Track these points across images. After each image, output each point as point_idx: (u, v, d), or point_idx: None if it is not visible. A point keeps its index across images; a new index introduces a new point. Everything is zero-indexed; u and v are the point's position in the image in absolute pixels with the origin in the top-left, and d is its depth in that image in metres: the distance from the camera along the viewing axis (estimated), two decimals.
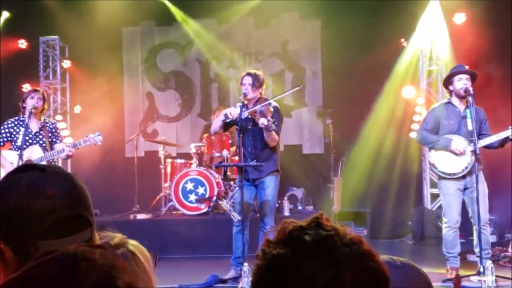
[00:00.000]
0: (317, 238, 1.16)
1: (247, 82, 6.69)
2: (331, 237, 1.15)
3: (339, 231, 1.17)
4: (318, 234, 1.16)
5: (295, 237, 1.17)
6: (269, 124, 6.20)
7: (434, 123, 6.61)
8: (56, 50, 10.98)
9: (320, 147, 11.10)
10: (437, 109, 6.68)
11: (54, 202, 1.47)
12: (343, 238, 1.16)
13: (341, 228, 1.19)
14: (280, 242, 1.18)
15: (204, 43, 11.17)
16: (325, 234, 1.16)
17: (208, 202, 8.98)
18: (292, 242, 1.17)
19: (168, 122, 11.44)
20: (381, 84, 10.10)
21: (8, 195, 1.47)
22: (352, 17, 10.18)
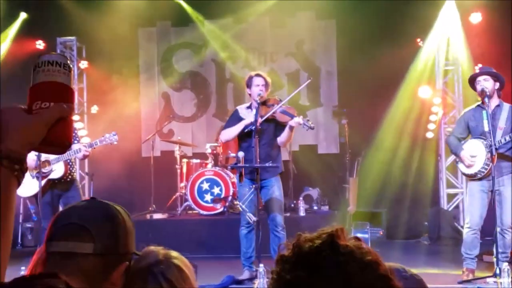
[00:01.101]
0: (333, 263, 1.16)
1: (261, 83, 6.70)
2: (347, 263, 1.15)
3: (356, 254, 1.17)
4: (335, 259, 1.16)
5: (311, 260, 1.17)
6: (304, 122, 6.25)
7: (463, 127, 6.62)
8: (73, 51, 11.05)
9: (335, 147, 11.09)
10: (466, 113, 6.68)
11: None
12: (360, 261, 1.16)
13: (358, 249, 1.18)
14: (295, 265, 1.18)
15: (220, 43, 11.20)
16: (342, 259, 1.16)
17: (224, 202, 9.01)
18: (308, 266, 1.17)
19: (184, 122, 11.48)
20: (397, 84, 10.07)
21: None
22: (368, 17, 10.15)
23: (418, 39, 10.10)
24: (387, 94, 10.11)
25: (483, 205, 6.42)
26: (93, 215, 1.65)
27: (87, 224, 1.61)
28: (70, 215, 1.66)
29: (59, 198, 6.79)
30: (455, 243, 8.64)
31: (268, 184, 6.73)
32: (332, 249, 1.17)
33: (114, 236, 1.65)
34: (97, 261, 1.61)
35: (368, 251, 1.19)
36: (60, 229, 1.63)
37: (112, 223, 1.66)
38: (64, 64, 1.43)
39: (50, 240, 1.64)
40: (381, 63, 9.89)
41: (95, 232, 1.61)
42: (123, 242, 1.68)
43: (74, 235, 1.61)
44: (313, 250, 1.19)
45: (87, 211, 1.66)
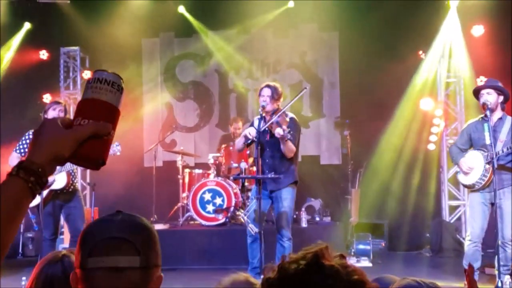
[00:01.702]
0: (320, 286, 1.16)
1: (266, 94, 6.70)
2: (334, 285, 1.15)
3: (342, 274, 1.16)
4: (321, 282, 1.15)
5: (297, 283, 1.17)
6: (285, 133, 6.21)
7: (464, 138, 6.65)
8: (77, 61, 11.10)
9: (338, 158, 11.10)
10: (470, 125, 6.70)
11: None
12: (347, 281, 1.16)
13: (343, 268, 1.18)
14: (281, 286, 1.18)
15: (223, 54, 11.24)
16: (329, 282, 1.15)
17: (226, 213, 9.01)
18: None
19: (187, 132, 11.50)
20: (399, 96, 10.09)
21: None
22: (370, 29, 10.20)
23: (420, 51, 10.13)
24: (389, 106, 10.13)
25: (484, 217, 6.41)
26: (132, 228, 1.64)
27: (130, 237, 1.60)
28: (109, 228, 1.62)
29: (60, 208, 6.79)
30: (457, 255, 8.63)
31: (277, 195, 6.74)
32: (317, 271, 1.17)
33: (154, 247, 1.66)
34: (143, 274, 1.61)
35: (354, 270, 1.19)
36: (101, 244, 1.60)
37: (149, 235, 1.66)
38: (113, 82, 1.45)
39: (90, 256, 1.59)
40: (383, 75, 9.94)
41: (139, 245, 1.60)
42: (159, 257, 1.68)
43: (120, 249, 1.59)
44: (298, 272, 1.18)
45: (125, 223, 1.64)
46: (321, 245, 1.23)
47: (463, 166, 6.44)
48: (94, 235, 1.63)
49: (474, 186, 6.39)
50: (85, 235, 1.65)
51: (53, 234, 6.75)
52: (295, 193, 6.85)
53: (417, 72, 10.09)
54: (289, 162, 6.77)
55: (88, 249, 1.61)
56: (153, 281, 1.65)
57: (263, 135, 6.64)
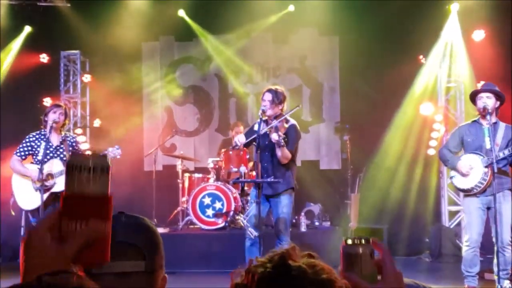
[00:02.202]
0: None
1: (267, 99, 6.69)
2: (301, 286, 1.14)
3: (309, 274, 1.16)
4: (288, 284, 1.15)
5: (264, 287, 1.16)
6: (279, 139, 6.22)
7: (456, 141, 6.62)
8: (77, 65, 11.10)
9: (337, 163, 11.10)
10: (462, 127, 6.71)
11: None
12: (315, 281, 1.15)
13: (311, 268, 1.17)
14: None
15: (223, 58, 11.24)
16: (296, 283, 1.14)
17: (225, 217, 9.00)
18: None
19: (186, 137, 11.50)
20: (399, 101, 10.09)
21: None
22: (371, 34, 10.21)
23: (421, 56, 10.14)
24: (389, 111, 10.13)
25: (481, 222, 6.40)
26: (137, 231, 1.63)
27: (135, 242, 1.59)
28: (114, 233, 1.56)
29: None
30: (457, 260, 8.61)
31: (276, 200, 6.75)
32: (284, 273, 1.16)
33: (159, 250, 1.66)
34: (148, 277, 1.61)
35: (322, 268, 1.18)
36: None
37: (153, 237, 1.66)
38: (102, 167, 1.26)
39: None
40: (384, 79, 9.96)
41: (144, 249, 1.60)
42: (162, 254, 1.68)
43: (126, 254, 1.58)
44: (265, 275, 1.17)
45: (129, 227, 1.63)
46: (289, 246, 1.23)
47: (463, 168, 6.38)
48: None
49: (472, 190, 6.36)
50: None
51: None
52: (292, 199, 6.84)
53: (417, 77, 10.09)
54: (285, 168, 6.76)
55: None
56: (159, 283, 1.65)
57: (263, 138, 6.63)
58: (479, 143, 6.41)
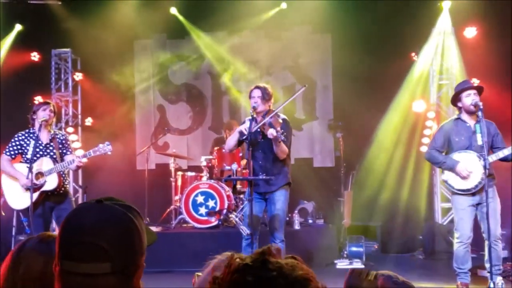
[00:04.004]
0: (259, 280, 1.15)
1: (257, 95, 6.68)
2: (274, 279, 1.15)
3: (285, 270, 1.16)
4: (261, 276, 1.16)
5: (240, 277, 1.17)
6: (278, 134, 6.19)
7: (443, 140, 6.57)
8: (68, 63, 11.06)
9: (331, 160, 11.09)
10: (446, 126, 6.64)
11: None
12: (288, 277, 1.15)
13: (287, 266, 1.17)
14: (225, 281, 1.19)
15: (216, 56, 11.21)
16: (269, 275, 1.15)
17: (218, 215, 8.97)
18: (238, 283, 1.17)
19: (179, 135, 11.47)
20: (392, 98, 10.10)
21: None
22: (363, 31, 10.19)
23: (413, 53, 10.14)
24: (381, 108, 10.13)
25: (472, 219, 6.42)
26: (105, 230, 1.59)
27: (101, 242, 1.56)
28: (81, 231, 1.58)
29: (51, 210, 6.73)
30: (450, 257, 8.55)
31: (271, 197, 6.73)
32: (261, 266, 1.17)
33: (130, 247, 1.62)
34: (117, 276, 1.58)
35: (299, 267, 1.18)
36: (73, 248, 1.57)
37: (125, 233, 1.61)
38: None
39: (64, 258, 1.58)
40: (376, 77, 9.96)
41: (111, 250, 1.56)
42: (139, 248, 1.65)
43: (90, 256, 1.55)
44: (242, 267, 1.19)
45: (98, 225, 1.59)
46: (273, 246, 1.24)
47: (462, 172, 6.32)
48: (67, 237, 1.60)
49: (471, 190, 6.34)
50: (61, 233, 1.62)
51: None
52: (288, 195, 6.82)
53: (410, 74, 10.09)
54: (282, 163, 6.73)
55: (62, 251, 1.59)
56: (137, 275, 1.63)
57: (254, 136, 6.60)
58: (468, 141, 6.38)
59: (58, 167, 6.59)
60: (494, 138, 6.39)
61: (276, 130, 6.23)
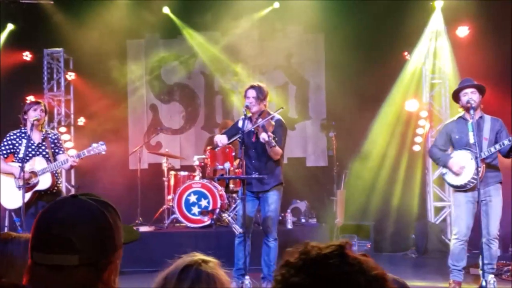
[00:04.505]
0: (340, 273, 1.13)
1: (251, 95, 6.67)
2: (354, 273, 1.13)
3: (363, 266, 1.15)
4: (342, 268, 1.14)
5: (318, 267, 1.15)
6: (269, 140, 6.19)
7: (444, 139, 6.63)
8: (61, 63, 11.03)
9: (324, 160, 11.10)
10: (448, 125, 6.70)
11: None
12: (367, 273, 1.14)
13: (365, 262, 1.16)
14: (301, 269, 1.16)
15: (208, 55, 11.20)
16: (349, 269, 1.14)
17: (211, 215, 8.96)
18: (314, 272, 1.14)
19: (172, 135, 11.45)
20: (384, 97, 10.12)
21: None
22: (356, 31, 10.21)
23: (405, 52, 10.16)
24: (374, 107, 10.15)
25: (471, 216, 6.42)
26: (75, 223, 1.61)
27: (70, 235, 1.58)
28: (51, 224, 1.61)
29: None
30: (442, 256, 8.64)
31: (263, 196, 6.73)
32: (341, 259, 1.15)
33: (100, 241, 1.63)
34: (85, 270, 1.60)
35: (376, 266, 1.17)
36: (43, 240, 1.60)
37: (96, 228, 1.63)
38: None
39: (33, 250, 1.62)
40: (369, 76, 9.97)
41: (79, 243, 1.58)
42: (110, 244, 1.66)
43: (58, 248, 1.58)
44: (320, 257, 1.16)
45: (69, 218, 1.61)
46: (345, 240, 1.22)
47: (454, 167, 6.37)
48: (38, 230, 1.64)
49: (466, 186, 6.35)
50: (35, 226, 1.65)
51: None
52: (281, 195, 6.82)
53: (402, 74, 10.11)
54: (275, 163, 6.73)
55: (33, 243, 1.62)
56: (108, 270, 1.65)
57: (248, 136, 6.60)
58: (467, 139, 6.39)
59: (52, 167, 6.56)
60: (498, 134, 6.36)
61: (268, 134, 6.23)
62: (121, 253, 1.72)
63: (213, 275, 1.81)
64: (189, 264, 1.81)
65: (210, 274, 1.81)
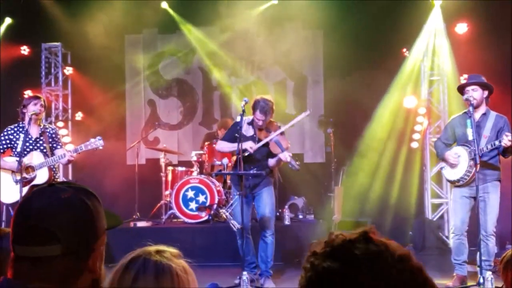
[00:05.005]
0: (368, 253, 1.15)
1: (261, 119, 6.68)
2: (382, 253, 1.15)
3: (389, 247, 1.17)
4: (369, 249, 1.16)
5: (345, 251, 1.17)
6: (292, 162, 6.28)
7: (449, 133, 6.68)
8: (59, 57, 10.98)
9: (321, 156, 11.09)
10: (453, 119, 6.74)
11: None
12: (393, 254, 1.16)
13: (390, 244, 1.18)
14: (328, 255, 1.17)
15: (207, 51, 11.16)
16: (376, 249, 1.15)
17: (209, 210, 8.96)
18: (342, 256, 1.16)
19: (170, 130, 11.43)
20: (383, 94, 10.10)
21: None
22: (354, 27, 10.19)
23: (404, 49, 10.15)
24: (372, 104, 10.14)
25: (465, 211, 6.49)
26: (55, 212, 1.57)
27: (49, 225, 1.54)
28: (29, 215, 1.57)
29: None
30: (440, 253, 8.68)
31: (259, 193, 6.79)
32: (366, 242, 1.17)
33: (81, 229, 1.60)
34: (68, 259, 1.57)
35: (400, 246, 1.20)
36: (22, 232, 1.57)
37: (76, 216, 1.59)
38: None
39: (14, 242, 1.59)
40: (367, 72, 9.96)
41: (59, 232, 1.54)
42: (92, 231, 1.63)
43: (39, 239, 1.54)
44: (346, 242, 1.18)
45: (47, 208, 1.58)
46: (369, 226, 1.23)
47: (449, 158, 6.43)
48: (17, 222, 1.60)
49: (459, 181, 6.43)
50: (13, 219, 1.62)
51: None
52: (273, 191, 6.94)
53: (401, 70, 10.10)
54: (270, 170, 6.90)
55: (13, 236, 1.59)
56: (92, 257, 1.62)
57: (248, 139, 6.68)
58: (467, 135, 6.42)
59: (49, 161, 6.56)
60: (500, 132, 6.35)
61: (290, 156, 6.39)
62: (104, 239, 1.69)
63: (164, 265, 1.75)
64: (138, 255, 1.76)
65: (160, 263, 1.73)
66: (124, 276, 1.67)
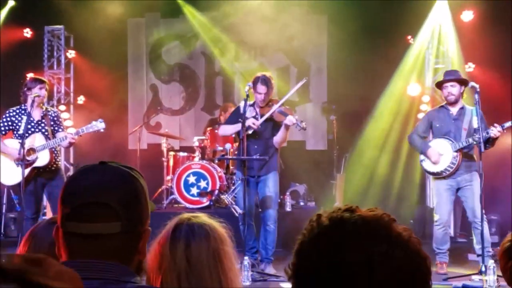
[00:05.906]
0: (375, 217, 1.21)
1: (263, 92, 6.67)
2: (387, 216, 1.22)
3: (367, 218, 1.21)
4: (362, 215, 1.21)
5: (352, 210, 1.22)
6: (298, 122, 6.28)
7: (425, 126, 6.95)
8: (61, 40, 10.94)
9: (323, 143, 11.05)
10: (430, 113, 7.07)
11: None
12: (389, 216, 1.23)
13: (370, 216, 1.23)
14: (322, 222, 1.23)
15: (210, 36, 11.09)
16: (370, 215, 1.21)
17: (210, 196, 8.95)
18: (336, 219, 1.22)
19: (172, 115, 11.40)
20: (387, 81, 10.06)
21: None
22: (359, 14, 10.10)
23: (409, 36, 10.08)
24: (376, 91, 10.10)
25: (451, 203, 6.83)
26: (112, 189, 1.53)
27: (109, 201, 1.50)
28: (87, 190, 1.52)
29: (43, 186, 6.70)
30: None
31: (263, 179, 6.80)
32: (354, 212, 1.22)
33: (138, 207, 1.57)
34: (125, 237, 1.53)
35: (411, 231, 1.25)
36: (79, 209, 1.51)
37: (133, 193, 1.56)
38: None
39: (69, 220, 1.51)
40: (371, 59, 9.90)
41: (119, 209, 1.51)
42: (145, 211, 1.60)
43: (98, 216, 1.50)
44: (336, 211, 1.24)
45: (105, 183, 1.54)
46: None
47: (432, 156, 6.66)
48: (71, 198, 1.53)
49: (442, 173, 6.68)
50: (64, 194, 1.55)
51: (34, 213, 6.65)
52: (278, 179, 6.96)
53: (405, 58, 10.05)
54: (274, 148, 6.88)
55: (66, 212, 1.52)
56: (143, 239, 1.59)
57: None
58: (447, 128, 6.72)
59: (50, 143, 6.55)
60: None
61: (295, 118, 6.40)
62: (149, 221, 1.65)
63: (208, 225, 1.76)
64: (179, 223, 1.76)
65: (204, 225, 1.75)
66: (175, 245, 1.70)
